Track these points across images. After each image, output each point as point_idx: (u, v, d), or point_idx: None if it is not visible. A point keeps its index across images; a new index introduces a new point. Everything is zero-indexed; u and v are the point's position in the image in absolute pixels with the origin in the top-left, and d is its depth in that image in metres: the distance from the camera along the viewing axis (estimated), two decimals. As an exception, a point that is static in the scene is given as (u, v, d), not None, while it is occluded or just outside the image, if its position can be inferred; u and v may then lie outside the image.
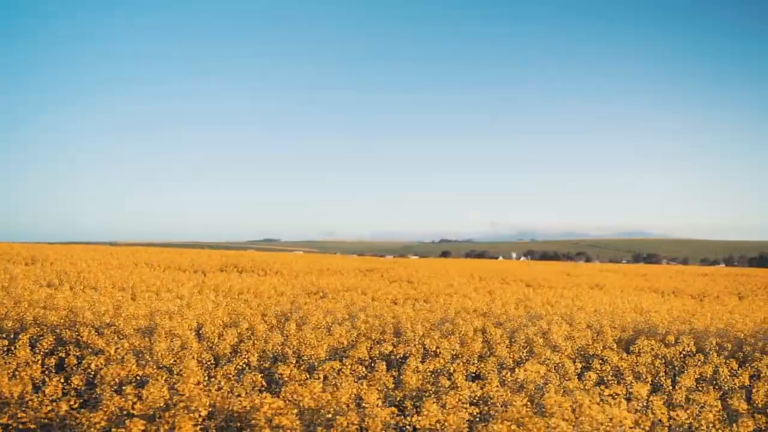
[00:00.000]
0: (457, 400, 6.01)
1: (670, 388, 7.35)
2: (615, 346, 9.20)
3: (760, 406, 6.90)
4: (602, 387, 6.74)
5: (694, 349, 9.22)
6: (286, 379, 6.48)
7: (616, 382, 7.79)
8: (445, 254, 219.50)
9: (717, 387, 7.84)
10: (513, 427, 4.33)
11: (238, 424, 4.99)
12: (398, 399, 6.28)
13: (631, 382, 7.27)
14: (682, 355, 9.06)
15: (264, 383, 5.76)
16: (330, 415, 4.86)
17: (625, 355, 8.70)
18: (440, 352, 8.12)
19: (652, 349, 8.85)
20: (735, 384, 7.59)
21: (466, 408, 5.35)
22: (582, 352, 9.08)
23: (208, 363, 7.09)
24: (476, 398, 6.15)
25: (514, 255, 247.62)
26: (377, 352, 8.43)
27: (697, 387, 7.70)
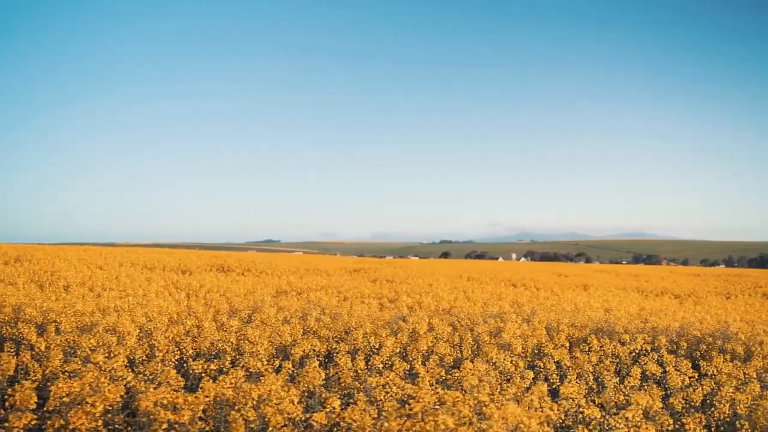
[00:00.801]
0: (383, 397, 5.96)
1: (610, 385, 7.26)
2: (567, 344, 9.10)
3: (697, 404, 6.81)
4: (539, 385, 6.69)
5: (649, 348, 9.14)
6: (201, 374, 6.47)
7: (559, 380, 7.72)
8: (445, 255, 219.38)
9: (662, 386, 7.76)
10: (407, 423, 4.25)
11: (144, 419, 4.93)
12: (323, 397, 6.20)
13: (569, 381, 7.18)
14: (634, 354, 8.98)
15: (181, 379, 5.68)
16: (233, 410, 4.79)
17: (578, 353, 8.62)
18: (383, 350, 8.04)
19: (602, 347, 8.77)
20: (678, 383, 7.49)
21: (376, 405, 5.26)
22: (535, 350, 8.99)
23: (142, 358, 7.03)
24: (406, 396, 6.08)
25: (514, 256, 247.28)
26: (324, 348, 8.36)
27: (641, 386, 7.62)
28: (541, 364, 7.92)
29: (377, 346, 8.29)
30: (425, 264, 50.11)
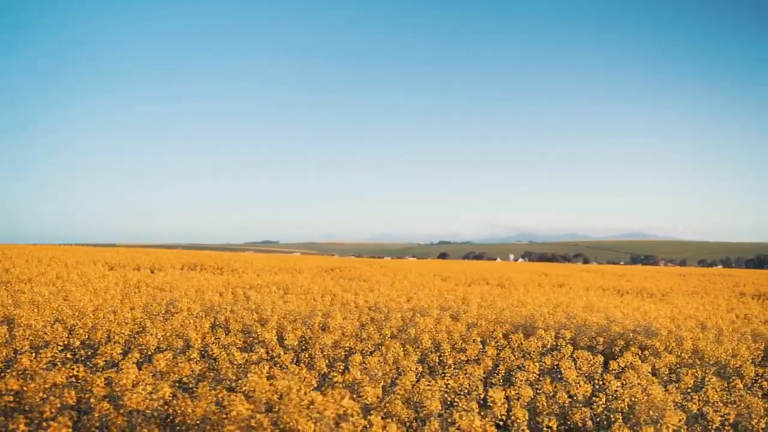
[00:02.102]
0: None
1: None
2: (478, 338, 8.98)
3: (580, 398, 6.68)
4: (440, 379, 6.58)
5: (564, 343, 9.02)
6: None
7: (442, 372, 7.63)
8: (443, 256, 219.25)
9: (561, 380, 7.65)
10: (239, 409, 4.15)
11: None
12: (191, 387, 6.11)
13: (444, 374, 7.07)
14: (545, 349, 8.86)
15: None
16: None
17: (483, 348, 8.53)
18: (286, 343, 7.94)
19: (509, 342, 8.67)
20: (572, 378, 7.37)
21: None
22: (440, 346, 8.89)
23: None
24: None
25: (512, 257, 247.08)
26: (229, 342, 8.27)
27: (537, 380, 7.51)
28: (436, 358, 7.81)
29: (277, 339, 8.18)
30: (404, 264, 50.10)
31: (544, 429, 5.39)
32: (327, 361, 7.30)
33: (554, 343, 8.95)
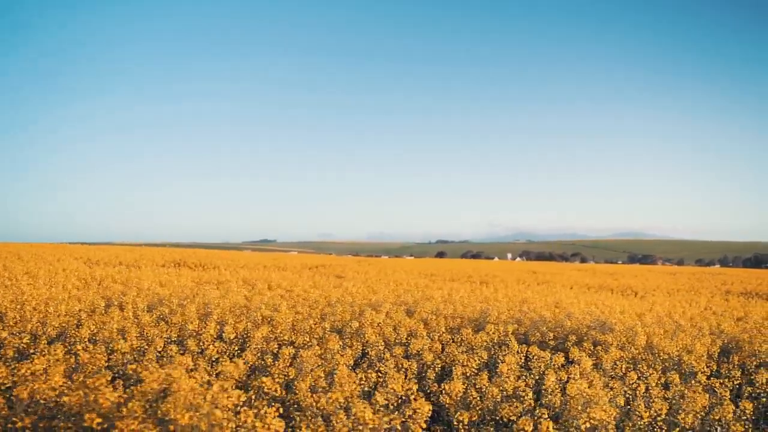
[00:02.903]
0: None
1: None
2: (423, 333, 8.83)
3: (510, 392, 6.52)
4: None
5: (512, 338, 8.87)
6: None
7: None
8: (441, 255, 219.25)
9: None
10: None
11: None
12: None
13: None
14: (492, 344, 8.70)
15: None
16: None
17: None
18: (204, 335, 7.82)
19: (452, 338, 8.52)
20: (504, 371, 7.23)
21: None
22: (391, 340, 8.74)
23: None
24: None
25: (509, 256, 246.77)
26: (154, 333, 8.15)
27: (476, 374, 7.37)
28: (373, 353, 7.66)
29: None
30: (388, 263, 50.03)
31: (455, 422, 5.23)
32: (258, 354, 7.14)
33: (501, 338, 8.79)
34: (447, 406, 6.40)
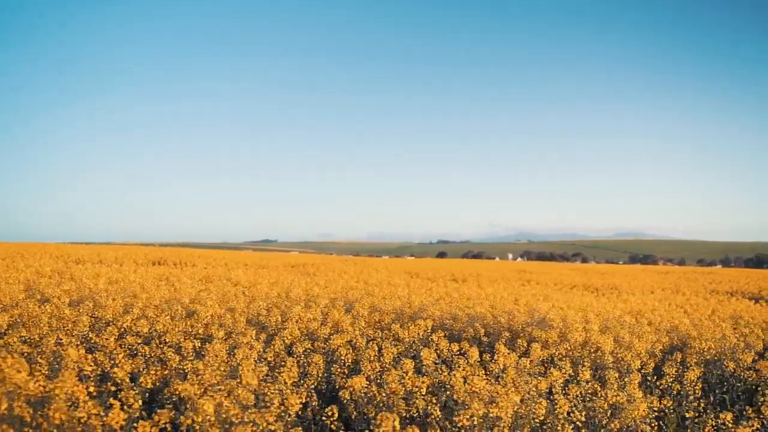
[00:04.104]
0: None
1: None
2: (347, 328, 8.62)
3: (410, 389, 6.29)
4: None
5: (443, 335, 8.65)
6: None
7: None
8: (441, 255, 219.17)
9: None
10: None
11: None
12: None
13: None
14: (419, 339, 8.49)
15: None
16: None
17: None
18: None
19: (378, 332, 8.31)
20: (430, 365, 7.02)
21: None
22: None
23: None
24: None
25: (510, 256, 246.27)
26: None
27: (393, 367, 7.16)
28: (301, 348, 7.50)
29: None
30: (375, 262, 49.98)
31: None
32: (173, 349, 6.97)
33: (429, 334, 8.57)
34: (345, 402, 6.20)
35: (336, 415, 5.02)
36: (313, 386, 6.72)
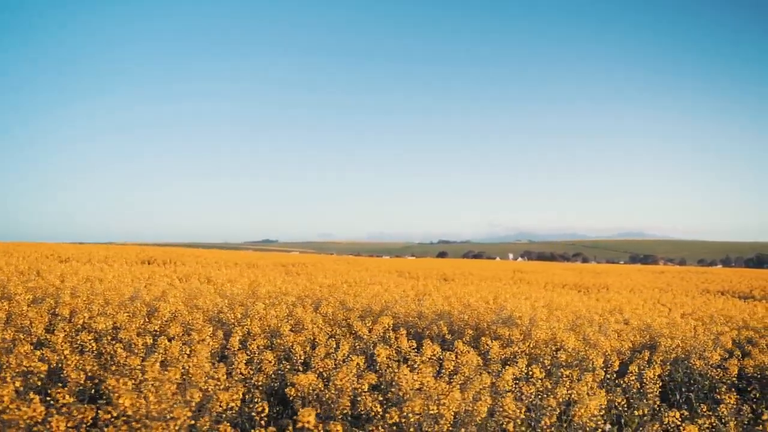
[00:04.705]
0: None
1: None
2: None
3: (355, 386, 6.24)
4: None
5: (405, 332, 8.60)
6: None
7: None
8: (442, 255, 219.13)
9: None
10: None
11: None
12: None
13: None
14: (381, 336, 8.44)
15: None
16: None
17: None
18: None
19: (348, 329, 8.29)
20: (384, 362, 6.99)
21: None
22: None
23: None
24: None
25: (511, 256, 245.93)
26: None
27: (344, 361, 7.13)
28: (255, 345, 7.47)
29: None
30: (367, 261, 49.98)
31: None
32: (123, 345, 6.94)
33: (387, 330, 8.52)
34: (291, 399, 6.15)
35: (266, 411, 4.97)
36: (261, 384, 6.68)
